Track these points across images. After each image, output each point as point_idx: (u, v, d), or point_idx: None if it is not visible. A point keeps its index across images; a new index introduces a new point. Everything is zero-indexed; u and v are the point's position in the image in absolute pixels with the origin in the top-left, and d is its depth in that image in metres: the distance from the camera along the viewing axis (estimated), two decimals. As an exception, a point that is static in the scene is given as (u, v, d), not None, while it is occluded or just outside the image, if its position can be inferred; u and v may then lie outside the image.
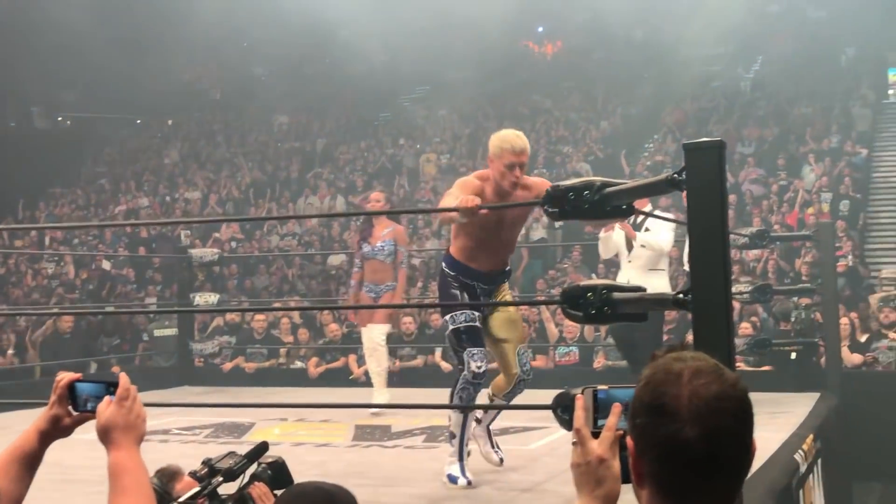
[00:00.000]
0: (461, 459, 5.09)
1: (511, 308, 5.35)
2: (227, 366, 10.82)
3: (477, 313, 5.08)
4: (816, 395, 8.10)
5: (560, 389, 3.69)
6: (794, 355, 9.22)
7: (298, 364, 10.79)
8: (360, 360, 10.73)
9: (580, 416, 1.76)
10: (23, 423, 2.18)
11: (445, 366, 10.49)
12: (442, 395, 8.67)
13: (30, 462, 2.01)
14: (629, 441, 1.58)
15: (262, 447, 2.88)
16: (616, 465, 1.70)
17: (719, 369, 1.53)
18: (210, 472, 2.76)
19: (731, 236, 8.86)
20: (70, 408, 2.02)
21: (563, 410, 3.87)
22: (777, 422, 6.70)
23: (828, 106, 17.33)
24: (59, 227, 17.30)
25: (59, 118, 24.06)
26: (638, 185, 4.51)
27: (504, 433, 6.78)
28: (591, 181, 4.46)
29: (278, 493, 2.72)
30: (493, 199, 5.02)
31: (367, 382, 10.38)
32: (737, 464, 1.51)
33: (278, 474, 2.85)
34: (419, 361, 10.64)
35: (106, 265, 15.46)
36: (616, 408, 1.76)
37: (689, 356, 1.55)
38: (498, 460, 5.29)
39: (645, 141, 18.11)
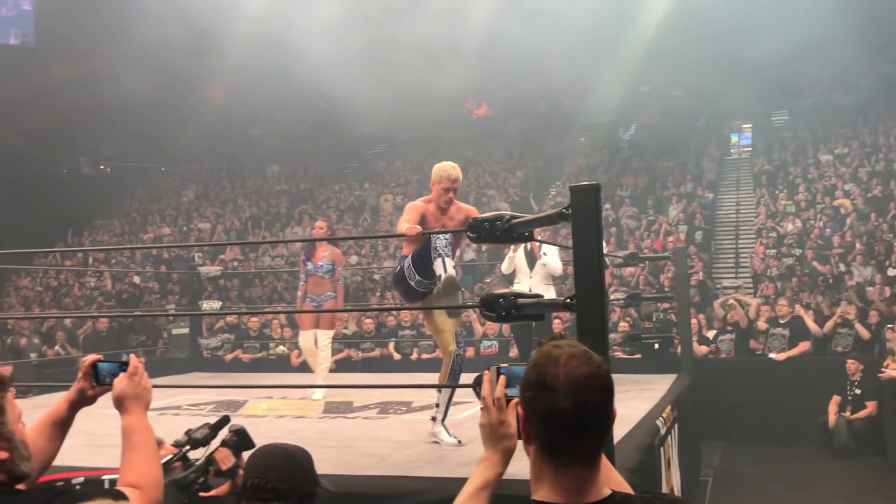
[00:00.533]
0: (444, 414, 5.03)
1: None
2: (228, 357, 10.67)
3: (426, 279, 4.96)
4: (674, 377, 8.16)
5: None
6: (656, 346, 9.33)
7: (282, 349, 10.69)
8: (332, 351, 10.69)
9: (486, 387, 1.77)
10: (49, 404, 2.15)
11: (397, 356, 10.47)
12: (394, 378, 8.65)
13: (61, 425, 2.02)
14: (520, 409, 1.59)
15: (224, 420, 2.83)
16: (513, 425, 1.72)
17: (588, 354, 1.56)
18: (188, 440, 2.72)
19: (610, 257, 8.96)
20: (93, 381, 2.04)
21: (480, 387, 3.88)
22: (643, 396, 6.75)
23: (684, 161, 17.60)
24: (100, 249, 17.01)
25: (102, 166, 23.70)
26: (537, 217, 4.54)
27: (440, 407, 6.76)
28: (502, 214, 4.48)
29: (245, 454, 2.70)
30: (435, 215, 5.06)
31: (338, 367, 10.36)
32: (601, 427, 1.55)
33: (241, 440, 2.81)
34: (377, 353, 10.59)
35: (136, 279, 15.24)
36: (502, 379, 1.77)
37: (565, 344, 1.59)
38: (457, 442, 5.09)
39: (549, 186, 18.24)
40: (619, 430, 5.03)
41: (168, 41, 18.69)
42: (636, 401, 6.48)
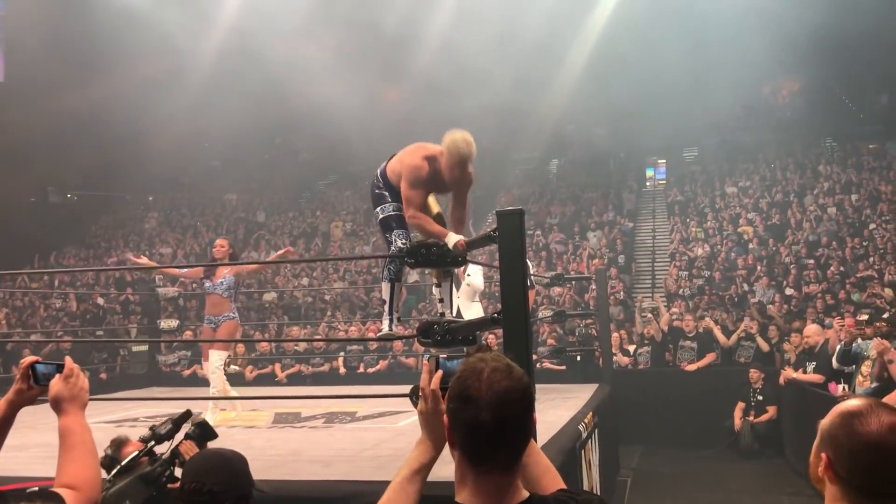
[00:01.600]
0: (391, 317, 4.72)
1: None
2: (186, 372, 10.44)
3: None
4: (595, 386, 8.23)
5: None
6: (578, 358, 9.40)
7: (234, 368, 10.49)
8: (283, 367, 10.53)
9: (425, 377, 1.73)
10: (30, 416, 2.07)
11: (342, 370, 10.35)
12: (339, 390, 8.54)
13: (2, 424, 1.93)
14: (445, 417, 1.56)
15: (186, 415, 2.78)
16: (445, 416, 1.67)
17: (510, 367, 1.53)
18: (153, 435, 2.67)
19: (537, 277, 9.01)
20: (31, 382, 1.95)
21: (416, 396, 3.85)
22: (567, 403, 6.79)
23: (606, 192, 17.85)
24: (65, 270, 16.45)
25: (69, 195, 23.07)
26: (467, 240, 4.55)
27: (381, 416, 6.70)
28: (437, 240, 4.49)
29: (211, 444, 2.73)
30: (441, 177, 4.55)
31: (289, 381, 10.20)
32: (520, 437, 1.52)
33: (204, 431, 2.79)
34: (325, 367, 10.47)
35: (100, 301, 14.82)
36: (438, 373, 1.73)
37: (489, 357, 1.55)
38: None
39: (486, 215, 18.32)
40: (544, 434, 5.04)
41: (133, 78, 18.44)
42: (560, 408, 6.51)
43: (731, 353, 9.78)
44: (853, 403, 1.49)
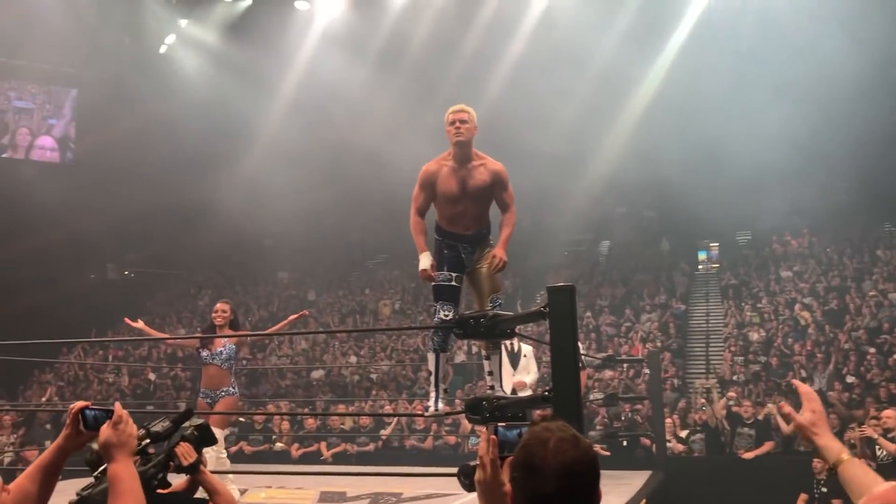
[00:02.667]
0: (437, 391, 4.73)
1: (487, 265, 4.84)
2: (233, 449, 10.42)
3: (454, 273, 4.72)
4: (648, 473, 7.99)
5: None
6: (624, 443, 9.16)
7: (280, 445, 10.47)
8: (329, 445, 10.46)
9: (483, 445, 1.70)
10: (78, 487, 2.09)
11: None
12: (382, 469, 8.44)
13: (51, 471, 1.96)
14: (508, 486, 1.53)
15: (186, 414, 2.56)
16: (506, 483, 1.61)
17: (577, 439, 1.51)
18: (146, 434, 2.42)
19: (589, 358, 8.89)
20: (81, 427, 1.97)
21: (464, 477, 3.77)
22: (619, 490, 6.59)
23: (657, 275, 17.68)
24: (117, 340, 16.77)
25: (126, 272, 23.74)
26: (517, 315, 4.54)
27: (427, 498, 6.58)
28: (486, 312, 4.49)
29: (207, 450, 2.57)
30: (450, 177, 4.71)
31: (334, 460, 10.11)
32: None
33: (203, 435, 2.56)
34: (371, 447, 10.37)
35: (152, 376, 15.05)
36: (493, 441, 1.68)
37: (555, 427, 1.53)
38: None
39: (534, 295, 18.26)
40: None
41: (188, 158, 19.20)
42: (613, 494, 6.32)
43: (791, 441, 9.41)
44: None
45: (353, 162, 19.28)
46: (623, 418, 9.64)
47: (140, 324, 7.16)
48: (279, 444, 10.47)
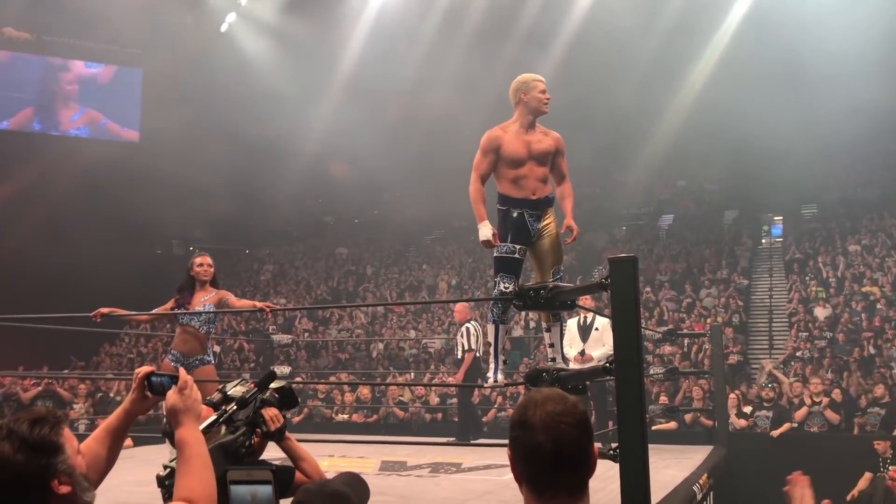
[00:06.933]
0: (496, 362, 4.75)
1: (553, 234, 4.78)
2: (296, 419, 10.65)
3: (517, 245, 4.67)
4: (710, 448, 7.89)
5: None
6: (686, 418, 9.06)
7: (343, 417, 10.64)
8: (390, 415, 10.60)
9: None
10: (147, 454, 2.11)
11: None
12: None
13: (118, 434, 1.97)
14: (508, 451, 1.58)
15: (271, 376, 2.43)
16: None
17: (564, 396, 1.57)
18: (224, 398, 2.31)
19: (649, 332, 8.77)
20: (147, 392, 1.97)
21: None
22: (680, 464, 6.53)
23: (719, 249, 17.34)
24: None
25: (191, 248, 24.28)
26: (577, 287, 4.51)
27: (486, 468, 6.62)
28: (546, 283, 4.46)
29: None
30: (515, 140, 4.67)
31: (393, 430, 10.23)
32: (577, 462, 1.52)
33: (285, 398, 2.43)
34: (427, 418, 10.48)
35: (216, 348, 15.40)
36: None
37: (545, 390, 1.60)
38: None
39: (595, 269, 18.10)
40: (658, 493, 4.84)
41: (249, 141, 19.51)
42: (673, 468, 6.27)
43: (853, 418, 9.16)
44: None
45: (410, 138, 19.34)
46: (683, 394, 9.52)
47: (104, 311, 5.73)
48: (341, 416, 10.64)
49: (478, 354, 8.81)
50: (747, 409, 9.75)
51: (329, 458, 7.11)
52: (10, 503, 1.51)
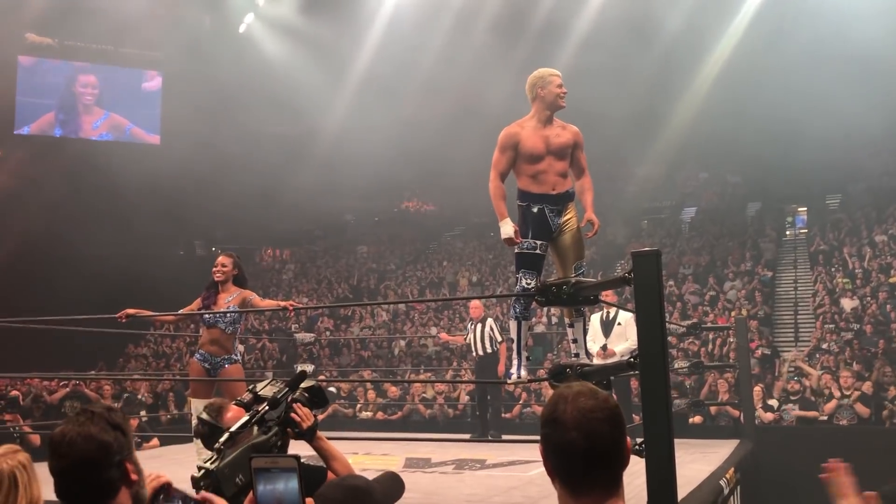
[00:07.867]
0: (519, 358, 4.72)
1: (574, 228, 4.72)
2: (320, 417, 10.68)
3: (539, 241, 4.63)
4: (736, 442, 7.82)
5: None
6: (712, 412, 8.98)
7: (367, 414, 10.66)
8: (414, 413, 10.60)
9: None
10: (175, 454, 2.04)
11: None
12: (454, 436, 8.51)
13: None
14: (540, 446, 1.56)
15: (301, 376, 2.41)
16: None
17: (595, 391, 1.54)
18: (255, 399, 2.30)
19: (673, 326, 8.71)
20: None
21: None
22: (707, 458, 6.47)
23: (743, 241, 17.17)
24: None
25: (213, 248, 24.44)
26: (600, 281, 4.47)
27: (511, 465, 6.60)
28: (568, 279, 4.43)
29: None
30: (533, 135, 4.62)
31: (417, 427, 10.23)
32: (611, 457, 1.50)
33: (315, 397, 2.42)
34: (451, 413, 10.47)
35: (241, 347, 15.46)
36: None
37: (575, 385, 1.57)
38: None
39: (616, 263, 17.99)
40: (684, 488, 4.80)
41: (270, 136, 19.59)
42: (699, 462, 6.21)
43: (881, 410, 9.04)
44: None
45: (427, 135, 19.33)
46: (709, 387, 9.44)
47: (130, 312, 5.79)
48: (365, 413, 10.66)
49: (495, 348, 8.80)
50: (773, 403, 9.65)
51: (353, 456, 7.12)
52: (95, 474, 1.63)
